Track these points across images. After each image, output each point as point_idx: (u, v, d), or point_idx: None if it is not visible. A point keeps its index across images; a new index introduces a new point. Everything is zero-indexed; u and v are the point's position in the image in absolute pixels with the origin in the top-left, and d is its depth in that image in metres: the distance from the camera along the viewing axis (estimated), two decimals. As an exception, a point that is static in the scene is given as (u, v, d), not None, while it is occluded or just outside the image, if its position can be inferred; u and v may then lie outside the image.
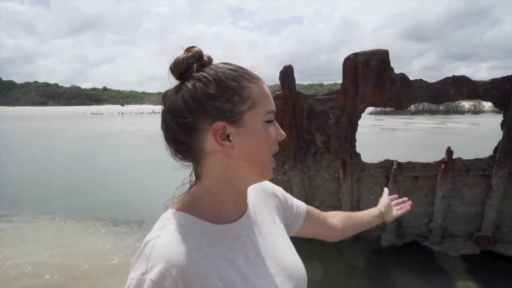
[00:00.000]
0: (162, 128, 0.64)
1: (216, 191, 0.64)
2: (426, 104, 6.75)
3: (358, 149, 4.11)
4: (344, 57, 3.76)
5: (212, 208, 0.64)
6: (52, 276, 3.72)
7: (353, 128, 3.98)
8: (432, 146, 10.91)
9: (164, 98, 0.64)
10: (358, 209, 4.27)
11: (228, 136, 0.60)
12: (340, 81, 3.89)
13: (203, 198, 0.64)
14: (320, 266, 3.82)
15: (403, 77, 3.67)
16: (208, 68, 0.61)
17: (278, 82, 3.98)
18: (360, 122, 4.05)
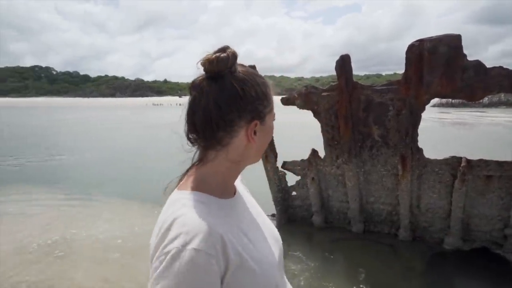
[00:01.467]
0: (193, 110, 0.70)
1: (225, 173, 0.74)
2: (503, 95, 5.98)
3: (420, 144, 3.82)
4: (406, 45, 3.49)
5: (219, 187, 0.74)
6: (121, 248, 4.11)
7: (415, 121, 3.69)
8: (509, 143, 9.68)
9: (199, 86, 0.70)
10: (418, 208, 3.99)
11: (255, 132, 0.72)
12: (401, 71, 3.62)
13: (212, 178, 0.73)
14: (375, 266, 3.66)
15: (478, 64, 3.28)
16: (242, 71, 0.71)
17: (332, 73, 3.84)
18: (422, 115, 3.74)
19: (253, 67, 4.14)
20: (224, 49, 0.70)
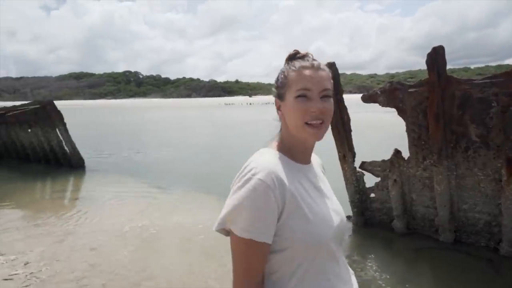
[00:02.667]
0: None
1: (286, 140, 0.93)
2: None
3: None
4: (502, 33, 3.01)
5: (288, 151, 0.93)
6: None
7: (527, 119, 3.17)
8: None
9: None
10: (527, 220, 3.42)
11: (280, 107, 0.93)
12: (494, 63, 3.14)
13: (282, 143, 0.94)
14: (469, 282, 3.25)
15: None
16: (287, 65, 0.92)
17: (409, 69, 3.67)
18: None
19: (332, 64, 4.00)
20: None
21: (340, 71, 4.17)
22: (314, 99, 0.86)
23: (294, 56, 0.93)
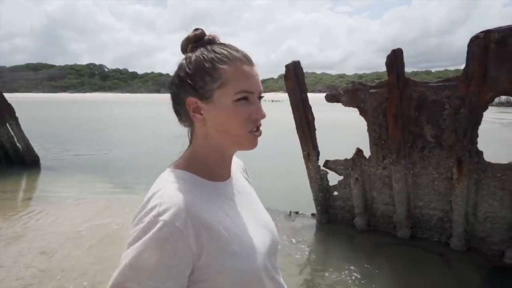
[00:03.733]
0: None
1: (203, 154, 0.74)
2: None
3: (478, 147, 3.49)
4: (459, 40, 3.18)
5: (203, 168, 0.74)
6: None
7: (476, 121, 3.37)
8: None
9: None
10: (475, 216, 3.66)
11: (200, 110, 0.70)
12: (452, 67, 3.33)
13: (195, 159, 0.74)
14: (423, 275, 3.42)
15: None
16: (200, 50, 0.71)
17: (376, 70, 3.72)
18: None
19: (297, 62, 4.02)
20: (193, 31, 0.74)
21: (310, 70, 4.30)
22: (255, 102, 0.71)
23: (200, 39, 0.72)
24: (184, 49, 0.74)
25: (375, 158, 4.13)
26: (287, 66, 4.11)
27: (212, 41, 0.73)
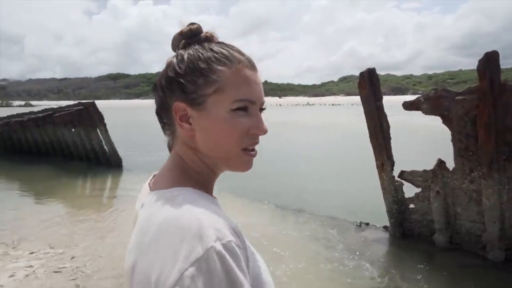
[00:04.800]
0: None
1: (195, 171, 0.61)
2: None
3: None
4: None
5: (203, 184, 0.61)
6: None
7: None
8: None
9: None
10: None
11: (189, 118, 0.58)
12: None
13: (188, 176, 0.60)
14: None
15: None
16: (194, 47, 0.59)
17: (449, 69, 3.47)
18: None
19: (372, 70, 3.89)
20: (188, 26, 0.62)
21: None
22: (255, 115, 0.58)
23: (196, 35, 0.60)
24: (175, 46, 0.62)
25: (460, 170, 3.78)
26: (361, 74, 4.00)
27: (210, 38, 0.61)
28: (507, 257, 3.65)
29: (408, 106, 3.96)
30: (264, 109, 0.62)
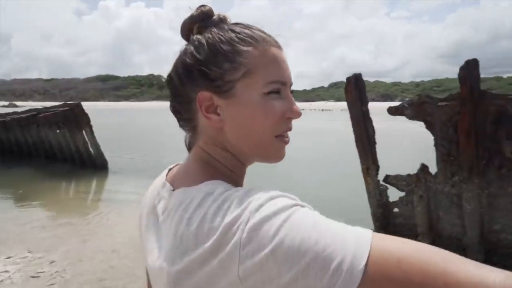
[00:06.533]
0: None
1: (230, 163, 0.55)
2: None
3: None
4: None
5: (236, 181, 0.56)
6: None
7: None
8: None
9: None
10: None
11: (216, 108, 0.52)
12: None
13: (219, 170, 0.55)
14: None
15: None
16: (212, 30, 0.53)
17: (436, 77, 3.51)
18: None
19: (359, 76, 3.95)
20: (197, 9, 0.56)
21: (363, 78, 4.10)
22: (288, 97, 0.54)
23: (209, 17, 0.55)
24: (187, 32, 0.56)
25: (442, 175, 3.85)
26: (348, 79, 4.05)
27: (224, 20, 0.55)
28: (486, 259, 3.72)
29: (393, 111, 4.02)
30: (292, 91, 0.56)
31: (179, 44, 0.58)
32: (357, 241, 0.38)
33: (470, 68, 3.24)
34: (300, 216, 0.41)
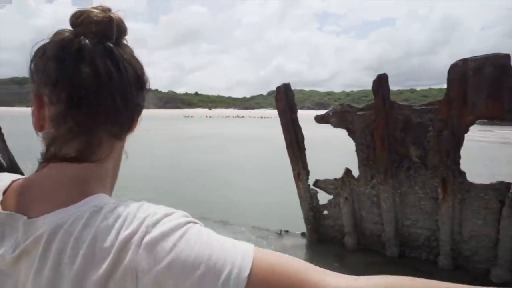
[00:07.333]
0: None
1: (112, 178, 0.60)
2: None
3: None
4: (442, 60, 3.38)
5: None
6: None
7: (458, 143, 3.53)
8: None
9: None
10: (460, 234, 3.76)
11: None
12: (436, 86, 3.52)
13: (106, 184, 0.56)
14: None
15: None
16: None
17: (363, 88, 3.90)
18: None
19: (287, 85, 4.14)
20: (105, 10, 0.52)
21: (299, 88, 4.40)
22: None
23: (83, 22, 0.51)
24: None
25: (363, 177, 4.23)
26: (278, 88, 4.23)
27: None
28: (401, 253, 4.16)
29: (319, 119, 4.31)
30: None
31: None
32: (242, 255, 0.44)
33: (382, 81, 3.63)
34: (194, 232, 0.45)
